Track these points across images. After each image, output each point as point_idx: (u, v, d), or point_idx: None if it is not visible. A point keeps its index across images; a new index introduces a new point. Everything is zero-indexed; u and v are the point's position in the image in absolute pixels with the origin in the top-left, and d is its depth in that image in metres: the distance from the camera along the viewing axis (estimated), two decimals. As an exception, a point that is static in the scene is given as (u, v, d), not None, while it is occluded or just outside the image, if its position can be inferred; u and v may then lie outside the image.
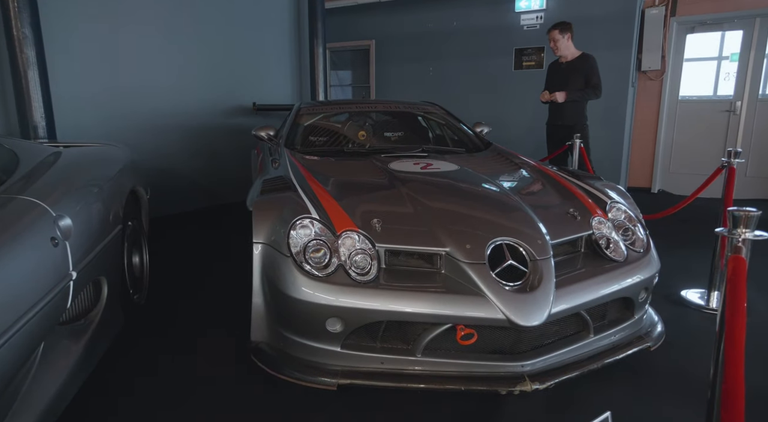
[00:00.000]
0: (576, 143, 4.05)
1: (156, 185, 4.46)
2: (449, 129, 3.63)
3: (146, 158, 4.44)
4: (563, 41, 4.35)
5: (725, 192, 2.55)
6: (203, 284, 3.01)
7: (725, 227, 1.09)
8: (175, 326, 2.43)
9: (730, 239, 1.06)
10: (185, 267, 3.36)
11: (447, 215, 1.96)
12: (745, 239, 1.04)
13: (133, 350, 2.16)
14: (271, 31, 5.75)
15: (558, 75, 4.44)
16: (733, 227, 1.06)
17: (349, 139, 3.39)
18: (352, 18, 7.37)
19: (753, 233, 1.05)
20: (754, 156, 5.68)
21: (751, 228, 1.06)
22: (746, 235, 1.05)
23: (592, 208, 2.13)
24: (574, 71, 4.36)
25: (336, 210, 1.96)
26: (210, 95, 5.06)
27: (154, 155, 4.57)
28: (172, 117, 4.74)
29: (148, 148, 4.54)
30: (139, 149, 4.39)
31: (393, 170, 2.48)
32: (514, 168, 2.70)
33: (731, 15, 5.49)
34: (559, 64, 4.47)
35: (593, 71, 4.37)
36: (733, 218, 1.06)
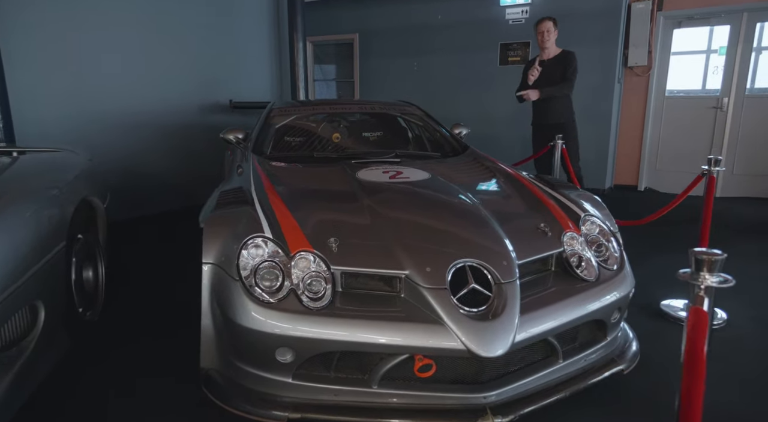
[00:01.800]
0: (558, 144, 3.94)
1: (126, 186, 4.34)
2: (426, 131, 3.51)
3: (114, 158, 4.30)
4: (554, 35, 4.24)
5: (705, 203, 2.44)
6: (169, 294, 2.88)
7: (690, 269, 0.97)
8: (126, 346, 2.31)
9: (692, 285, 0.95)
10: (152, 274, 3.23)
11: (410, 233, 1.84)
12: (708, 286, 0.93)
13: (76, 377, 2.04)
14: (250, 25, 5.57)
15: (539, 73, 4.29)
16: (695, 271, 0.95)
17: (323, 142, 3.26)
18: (335, 11, 7.19)
19: (717, 278, 0.94)
20: (741, 153, 5.61)
21: (716, 271, 0.94)
22: (709, 281, 0.93)
23: (565, 222, 2.03)
24: (553, 70, 4.24)
25: (292, 228, 1.83)
26: (185, 92, 4.90)
27: (123, 154, 4.42)
28: (143, 115, 4.58)
29: (117, 148, 4.39)
30: (107, 150, 4.26)
31: (360, 179, 2.36)
32: (487, 176, 2.59)
33: (718, 9, 5.39)
34: (539, 62, 4.31)
35: (570, 66, 4.25)
36: (696, 261, 0.95)
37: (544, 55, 4.30)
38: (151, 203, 4.59)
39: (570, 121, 4.34)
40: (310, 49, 7.68)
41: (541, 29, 4.25)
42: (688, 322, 0.93)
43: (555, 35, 4.24)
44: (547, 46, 4.25)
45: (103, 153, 4.20)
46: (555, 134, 4.21)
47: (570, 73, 4.23)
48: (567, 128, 4.33)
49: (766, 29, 5.39)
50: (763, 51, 5.41)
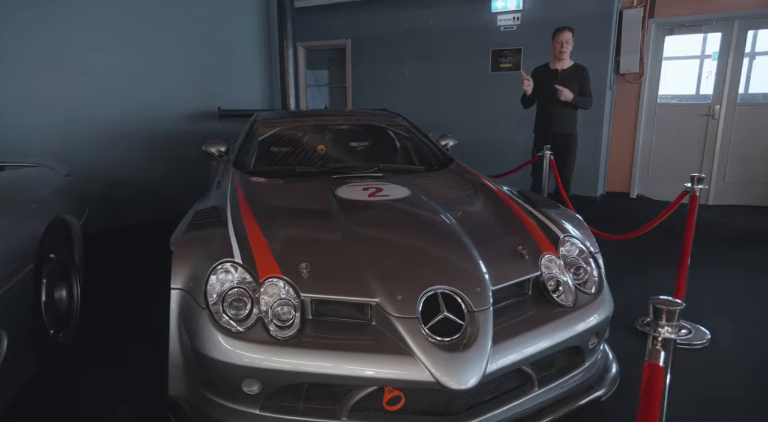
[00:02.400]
0: (546, 155, 3.91)
1: (111, 195, 4.30)
2: (412, 142, 3.47)
3: (100, 167, 4.26)
4: (571, 45, 4.18)
5: (687, 222, 2.41)
6: (147, 314, 2.84)
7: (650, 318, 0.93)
8: (97, 369, 2.26)
9: (650, 336, 0.91)
10: (133, 290, 3.19)
11: (383, 257, 1.80)
12: (665, 338, 0.88)
13: (41, 403, 2.00)
14: (239, 32, 5.53)
15: (552, 83, 4.21)
16: (653, 320, 0.90)
17: (307, 155, 3.22)
18: (328, 16, 7.16)
19: (676, 330, 0.89)
20: (733, 161, 5.59)
21: (674, 321, 0.89)
22: (666, 333, 0.89)
23: (543, 244, 1.99)
24: (571, 81, 4.20)
25: (263, 252, 1.80)
26: (173, 100, 4.86)
27: (109, 163, 4.38)
28: (130, 123, 4.53)
29: (102, 157, 4.35)
30: (92, 159, 4.22)
31: (339, 197, 2.32)
32: (469, 193, 2.55)
33: (710, 17, 5.36)
34: (551, 71, 4.26)
35: (588, 82, 4.23)
36: (654, 309, 0.90)
37: (558, 65, 4.24)
38: (136, 213, 4.54)
39: (575, 133, 4.31)
40: (302, 54, 7.65)
41: (560, 39, 4.18)
42: (643, 378, 0.89)
43: (571, 46, 4.19)
44: (564, 58, 4.20)
45: (88, 162, 4.17)
46: (560, 144, 4.18)
47: (590, 89, 4.20)
48: (572, 139, 4.30)
49: (757, 37, 5.37)
50: (757, 56, 5.38)
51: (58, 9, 4.03)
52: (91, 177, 4.10)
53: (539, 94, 4.32)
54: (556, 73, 4.21)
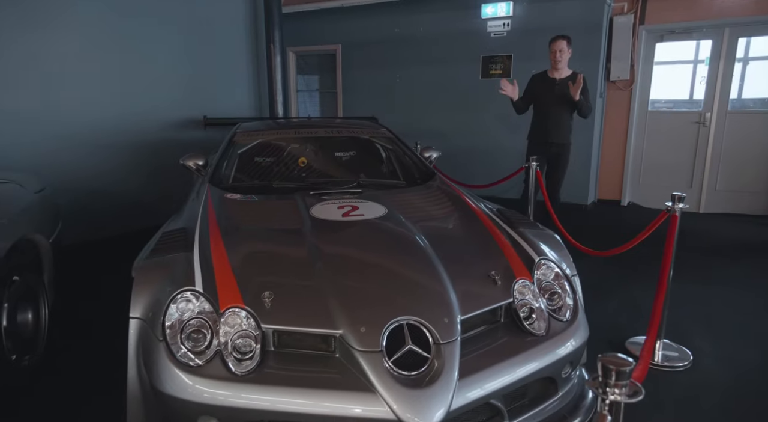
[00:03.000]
0: (532, 167, 3.86)
1: (91, 206, 4.24)
2: (394, 155, 3.42)
3: (79, 178, 4.21)
4: (567, 54, 4.13)
5: (666, 243, 2.36)
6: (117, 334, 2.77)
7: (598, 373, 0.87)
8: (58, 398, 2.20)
9: (598, 397, 0.85)
10: (107, 308, 3.12)
11: (350, 285, 1.75)
12: (612, 401, 0.82)
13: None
14: (226, 39, 5.47)
15: (549, 92, 4.15)
16: (602, 379, 0.84)
17: (286, 169, 3.16)
18: (318, 21, 7.11)
19: (625, 393, 0.83)
20: (724, 169, 5.55)
21: (624, 381, 0.83)
22: (615, 395, 0.83)
23: (518, 268, 1.94)
24: (569, 90, 4.14)
25: (227, 280, 1.74)
26: (156, 108, 4.80)
27: (90, 174, 4.32)
28: (111, 133, 4.47)
29: (82, 167, 4.29)
30: (71, 169, 4.16)
31: (313, 216, 2.27)
32: (446, 211, 2.50)
33: (700, 24, 5.32)
34: (549, 80, 4.19)
35: (587, 91, 4.16)
36: (602, 368, 0.84)
37: (556, 74, 4.18)
38: (117, 224, 4.49)
39: (569, 143, 4.26)
40: (293, 59, 7.60)
41: (554, 48, 4.13)
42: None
43: (569, 55, 4.14)
44: (560, 67, 4.15)
45: (68, 174, 4.12)
46: (554, 154, 4.15)
47: (589, 98, 4.16)
48: (566, 149, 4.25)
49: (745, 44, 5.33)
50: (751, 61, 5.34)
51: (36, 18, 3.97)
52: (71, 189, 4.06)
53: (537, 102, 4.26)
54: (554, 81, 4.17)
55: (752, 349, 2.61)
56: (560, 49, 4.08)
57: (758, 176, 5.39)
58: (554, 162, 4.16)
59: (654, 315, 2.34)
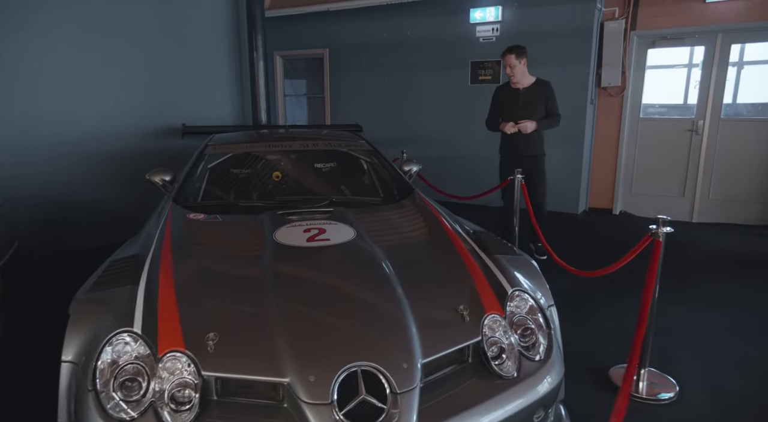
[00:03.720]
0: (517, 180, 3.73)
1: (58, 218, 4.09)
2: (372, 169, 3.29)
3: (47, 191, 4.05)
4: (519, 67, 4.00)
5: (649, 269, 2.23)
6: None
7: None
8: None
9: None
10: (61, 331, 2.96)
11: (303, 326, 1.61)
12: None
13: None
14: (206, 44, 5.33)
15: (514, 103, 4.06)
16: None
17: (257, 185, 3.03)
18: (305, 25, 6.98)
19: None
20: (716, 178, 5.43)
21: None
22: None
23: (489, 301, 1.81)
24: (534, 99, 4.03)
25: (171, 319, 1.60)
26: (132, 116, 4.66)
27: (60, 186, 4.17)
28: (82, 141, 4.31)
29: (53, 180, 4.14)
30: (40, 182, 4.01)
31: (276, 241, 2.13)
32: (419, 234, 2.37)
33: (692, 30, 5.21)
34: (513, 91, 4.08)
35: (553, 99, 4.07)
36: None
37: (518, 85, 4.06)
38: (87, 237, 4.33)
39: (543, 154, 4.15)
40: (280, 63, 7.46)
41: (504, 63, 4.04)
42: None
43: (521, 67, 4.01)
44: (516, 79, 4.03)
45: (34, 185, 3.97)
46: (528, 167, 4.02)
47: (556, 107, 4.05)
48: (540, 160, 4.14)
49: (738, 50, 5.21)
50: (745, 66, 5.23)
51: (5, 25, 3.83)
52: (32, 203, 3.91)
53: (503, 115, 4.14)
54: (518, 92, 4.04)
55: (743, 378, 2.49)
56: (509, 63, 4.00)
57: (752, 185, 5.27)
58: (530, 175, 4.05)
59: (635, 345, 2.21)
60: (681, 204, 5.61)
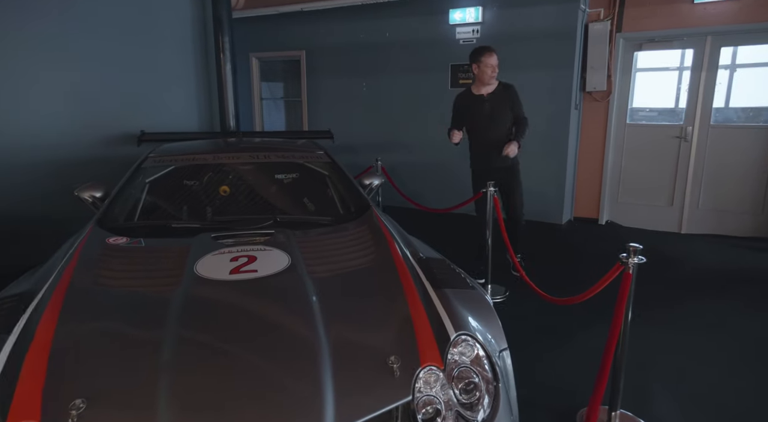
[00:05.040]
0: (489, 193, 3.47)
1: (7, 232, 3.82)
2: (329, 183, 3.03)
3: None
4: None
5: (617, 305, 1.97)
6: None
7: None
8: None
9: None
10: None
11: (191, 393, 1.34)
12: None
13: None
14: (170, 46, 5.06)
15: (480, 111, 3.77)
16: None
17: (200, 201, 2.76)
18: (281, 26, 6.71)
19: None
20: (706, 187, 5.19)
21: None
22: None
23: (427, 349, 1.54)
24: (500, 104, 3.76)
25: (33, 381, 1.33)
26: (86, 123, 4.37)
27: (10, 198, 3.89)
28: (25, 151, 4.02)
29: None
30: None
31: (195, 274, 1.87)
32: (362, 263, 2.10)
33: (681, 32, 4.96)
34: (477, 97, 3.80)
35: (519, 102, 3.80)
36: None
37: (483, 90, 3.80)
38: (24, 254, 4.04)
39: (517, 163, 3.88)
40: (256, 65, 7.20)
41: (491, 63, 3.71)
42: None
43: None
44: (494, 82, 3.78)
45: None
46: (502, 178, 3.77)
47: (522, 110, 3.80)
48: (515, 171, 3.87)
49: (729, 53, 4.97)
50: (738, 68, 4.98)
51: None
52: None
53: (470, 128, 3.85)
54: (482, 98, 3.77)
55: (725, 419, 2.23)
56: (494, 64, 3.71)
57: (743, 195, 5.03)
58: (506, 187, 3.80)
59: (598, 388, 1.96)
60: (669, 214, 5.37)
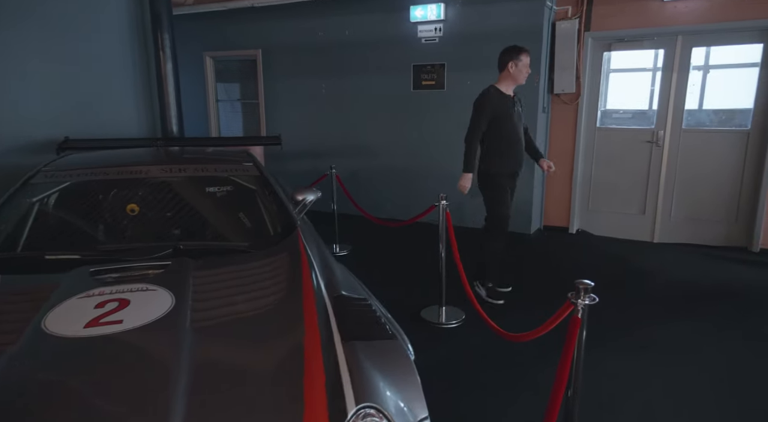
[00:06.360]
0: (441, 206, 3.14)
1: None
2: (254, 200, 2.65)
3: None
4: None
5: (564, 351, 1.64)
6: None
7: None
8: None
9: None
10: None
11: None
12: None
13: None
14: (105, 44, 4.61)
15: (513, 112, 3.45)
16: None
17: (96, 224, 2.37)
18: (235, 23, 6.30)
19: None
20: (679, 194, 4.94)
21: None
22: None
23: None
24: (520, 110, 3.58)
25: None
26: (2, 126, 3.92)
27: None
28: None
29: None
30: None
31: (42, 329, 1.48)
32: (263, 304, 1.73)
33: (650, 31, 4.70)
34: (507, 97, 3.45)
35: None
36: None
37: (510, 91, 3.51)
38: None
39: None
40: (210, 65, 6.77)
41: (528, 63, 3.49)
42: None
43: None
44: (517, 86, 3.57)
45: None
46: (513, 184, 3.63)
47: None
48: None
49: (702, 54, 4.73)
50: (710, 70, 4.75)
51: None
52: None
53: (499, 130, 3.39)
54: (513, 99, 3.49)
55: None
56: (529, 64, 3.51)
57: (716, 203, 4.80)
58: (511, 192, 3.61)
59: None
60: (641, 223, 5.11)
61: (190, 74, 6.72)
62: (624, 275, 4.17)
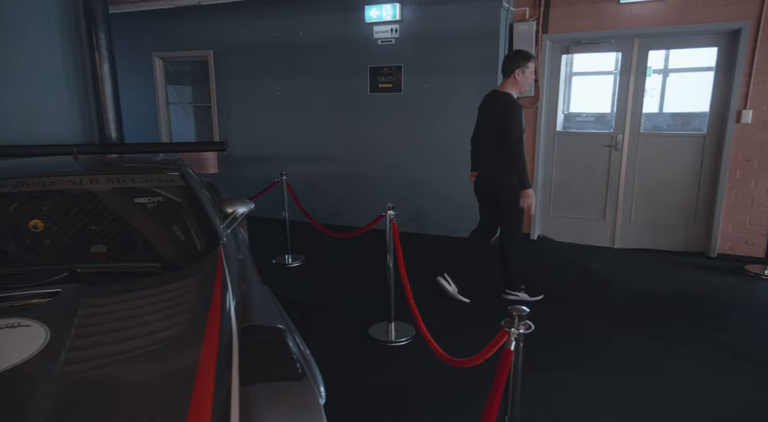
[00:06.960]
0: (387, 217, 2.95)
1: None
2: (177, 214, 2.40)
3: None
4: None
5: (494, 383, 1.46)
6: None
7: None
8: None
9: None
10: None
11: None
12: None
13: None
14: (34, 43, 4.28)
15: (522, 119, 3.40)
16: None
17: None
18: (185, 22, 6.00)
19: None
20: (638, 199, 4.88)
21: None
22: None
23: None
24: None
25: None
26: None
27: None
28: None
29: None
30: None
31: None
32: (157, 341, 1.49)
33: (607, 34, 4.63)
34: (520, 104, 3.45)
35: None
36: None
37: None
38: None
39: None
40: (160, 66, 6.44)
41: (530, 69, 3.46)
42: None
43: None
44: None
45: None
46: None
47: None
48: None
49: (658, 57, 4.69)
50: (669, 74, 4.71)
51: None
52: None
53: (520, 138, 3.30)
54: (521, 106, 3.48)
55: None
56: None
57: (675, 208, 4.75)
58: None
59: None
60: (602, 228, 5.04)
61: (138, 76, 6.39)
62: (582, 283, 4.07)
